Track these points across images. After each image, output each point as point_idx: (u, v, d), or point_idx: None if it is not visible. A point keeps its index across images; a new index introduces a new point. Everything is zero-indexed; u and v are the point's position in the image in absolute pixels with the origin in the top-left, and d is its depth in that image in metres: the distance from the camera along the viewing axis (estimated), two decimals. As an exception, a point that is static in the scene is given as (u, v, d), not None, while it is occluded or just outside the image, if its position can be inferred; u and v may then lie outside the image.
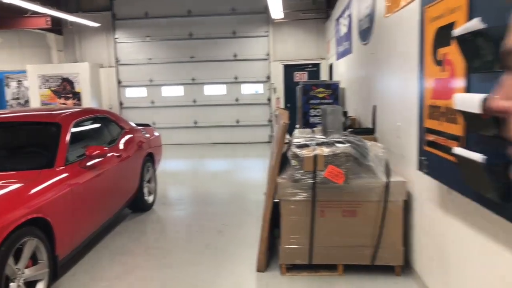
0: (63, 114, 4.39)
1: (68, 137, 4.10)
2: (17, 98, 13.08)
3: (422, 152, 2.91)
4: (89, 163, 4.15)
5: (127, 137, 5.42)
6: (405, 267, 3.72)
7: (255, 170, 8.92)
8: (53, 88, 12.18)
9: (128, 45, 12.61)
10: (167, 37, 12.40)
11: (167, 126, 12.43)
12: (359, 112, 6.42)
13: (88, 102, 12.02)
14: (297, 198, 3.69)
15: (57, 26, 11.85)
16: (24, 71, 12.37)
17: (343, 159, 3.54)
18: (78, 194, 3.85)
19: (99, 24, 11.81)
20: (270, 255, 4.07)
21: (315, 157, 3.55)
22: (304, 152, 3.57)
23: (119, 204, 4.93)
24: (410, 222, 3.68)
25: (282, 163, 3.85)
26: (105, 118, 5.20)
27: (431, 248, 3.24)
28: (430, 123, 2.73)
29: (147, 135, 6.07)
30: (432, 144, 2.72)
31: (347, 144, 3.61)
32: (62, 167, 3.79)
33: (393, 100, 4.25)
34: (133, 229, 5.16)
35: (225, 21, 12.22)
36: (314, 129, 4.95)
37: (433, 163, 2.73)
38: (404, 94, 3.78)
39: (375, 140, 4.70)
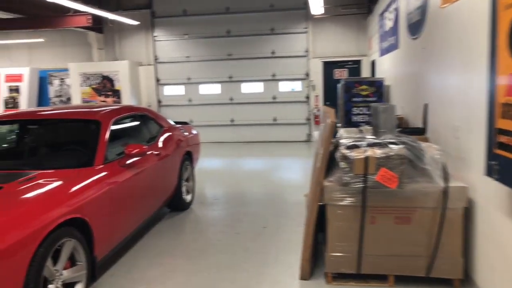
0: (103, 112, 4.31)
1: (107, 135, 4.01)
2: (60, 96, 13.38)
3: (491, 156, 2.60)
4: (128, 162, 4.05)
5: (166, 135, 5.31)
6: (465, 281, 3.40)
7: (292, 170, 8.68)
8: (93, 86, 12.37)
9: (166, 43, 12.64)
10: (205, 35, 12.33)
11: (204, 124, 12.37)
12: (406, 110, 6.07)
13: (127, 100, 12.13)
14: (345, 202, 3.44)
15: (97, 25, 12.01)
16: (66, 69, 12.63)
17: (397, 162, 3.27)
18: (117, 193, 3.75)
19: (138, 22, 11.87)
20: (314, 262, 3.84)
21: (366, 159, 3.29)
22: (354, 154, 3.32)
23: (157, 203, 4.83)
24: (472, 232, 3.36)
25: (329, 164, 3.61)
26: (144, 116, 5.12)
27: (497, 260, 2.92)
28: (503, 123, 2.42)
29: (186, 133, 5.95)
30: (505, 146, 2.41)
31: (401, 145, 3.33)
32: (101, 166, 3.70)
33: (449, 97, 3.92)
34: (171, 228, 5.05)
35: (263, 17, 12.03)
36: (361, 128, 4.67)
37: (506, 168, 2.42)
38: (465, 91, 3.45)
39: (426, 140, 4.38)
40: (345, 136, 3.94)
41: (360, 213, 3.42)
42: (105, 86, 12.34)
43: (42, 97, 13.43)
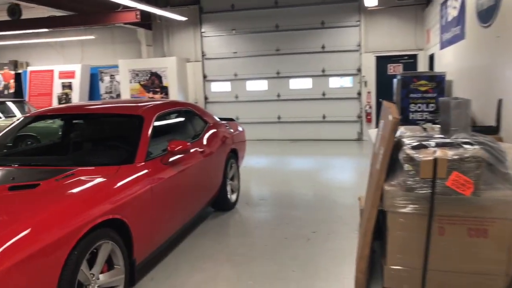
0: (146, 107, 4.12)
1: (150, 131, 3.81)
2: (110, 92, 13.61)
3: None
4: (171, 159, 3.83)
5: (211, 132, 5.08)
6: (554, 307, 2.89)
7: (343, 170, 8.23)
8: (142, 82, 12.45)
9: (214, 39, 12.50)
10: (253, 30, 12.07)
11: (250, 121, 12.14)
12: (474, 107, 5.48)
13: (175, 96, 12.11)
14: (408, 210, 3.02)
15: (146, 21, 12.06)
16: (116, 66, 12.81)
17: (472, 165, 2.81)
18: (159, 192, 3.53)
19: (186, 18, 11.79)
20: (370, 274, 3.44)
21: (435, 161, 2.85)
22: (421, 155, 2.89)
23: (201, 203, 4.60)
24: None
25: (389, 166, 3.20)
26: (189, 112, 4.90)
27: None
28: None
29: (231, 130, 5.70)
30: None
31: (478, 146, 2.87)
32: (142, 163, 3.50)
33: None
34: (215, 230, 4.81)
35: (313, 11, 11.59)
36: (424, 126, 4.19)
37: None
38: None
39: (500, 140, 3.85)
40: (408, 135, 3.50)
41: (426, 223, 2.99)
42: (153, 82, 12.39)
43: (93, 93, 13.73)
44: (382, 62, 11.39)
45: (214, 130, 5.19)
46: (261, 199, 6.15)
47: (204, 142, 4.78)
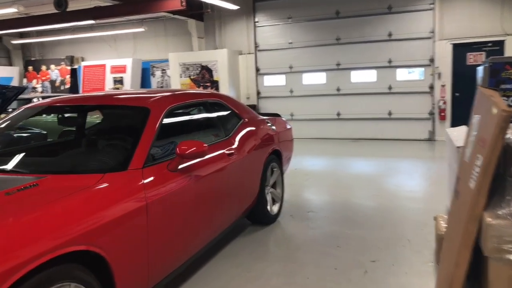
0: (156, 97, 3.26)
1: (156, 127, 2.94)
2: (161, 87, 13.14)
3: None
4: (182, 165, 2.93)
5: (246, 129, 4.14)
6: None
7: (412, 176, 6.95)
8: (192, 77, 11.82)
9: (268, 29, 11.56)
10: (310, 17, 10.98)
11: (306, 118, 11.09)
12: None
13: (226, 91, 11.35)
14: (526, 258, 1.89)
15: (198, 10, 11.37)
16: (167, 60, 12.29)
17: None
18: (159, 211, 2.65)
19: (238, 7, 10.95)
20: None
21: None
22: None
23: (227, 219, 3.68)
24: None
25: (493, 185, 2.07)
26: (218, 105, 4.00)
27: None
28: None
29: (273, 128, 4.72)
30: None
31: None
32: (138, 169, 2.63)
33: None
34: (246, 251, 3.87)
35: (379, -6, 10.29)
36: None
37: None
38: None
39: None
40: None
41: (557, 281, 1.84)
42: (204, 76, 11.71)
43: (144, 88, 13.34)
44: (460, 50, 9.84)
45: (250, 128, 4.25)
46: (310, 211, 5.12)
47: (235, 142, 3.85)
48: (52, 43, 14.62)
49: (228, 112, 4.07)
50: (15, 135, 4.62)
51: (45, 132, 6.43)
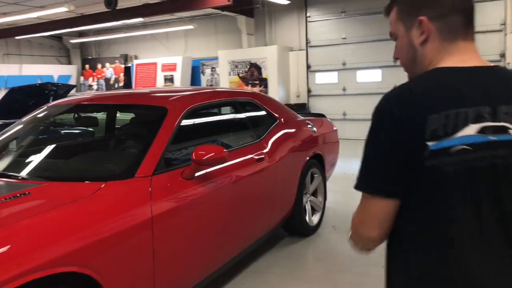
0: (176, 96, 2.95)
1: (173, 129, 2.62)
2: (211, 85, 13.01)
3: None
4: (198, 173, 2.59)
5: (281, 131, 3.73)
6: None
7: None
8: (241, 75, 11.55)
9: (320, 24, 11.03)
10: (366, 11, 10.30)
11: (360, 117, 10.43)
12: None
13: (274, 89, 10.98)
14: None
15: (247, 5, 11.08)
16: (217, 58, 12.12)
17: None
18: (169, 224, 2.33)
19: (289, 1, 10.51)
20: None
21: None
22: None
23: (255, 233, 3.30)
24: None
25: None
26: (249, 104, 3.63)
27: None
28: None
29: (314, 129, 4.27)
30: None
31: None
32: (146, 177, 2.31)
33: None
34: (280, 266, 3.48)
35: (442, -17, 9.42)
36: None
37: None
38: None
39: None
40: None
41: None
42: (253, 74, 11.40)
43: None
44: (536, 44, 8.78)
45: (287, 129, 3.84)
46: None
47: (267, 145, 3.46)
48: (107, 42, 14.99)
49: (261, 112, 3.69)
50: (62, 131, 4.52)
51: (92, 130, 6.40)
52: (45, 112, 2.95)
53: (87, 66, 15.17)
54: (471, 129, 0.98)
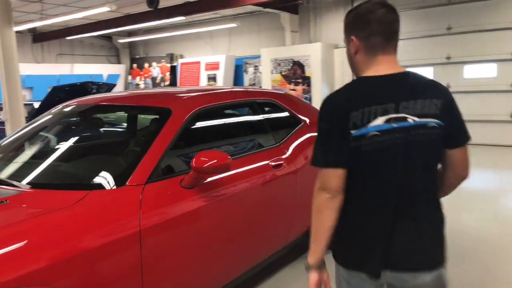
0: (183, 97, 2.73)
1: (175, 133, 2.40)
2: (253, 84, 12.82)
3: None
4: (201, 182, 2.35)
5: (306, 135, 3.42)
6: None
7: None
8: (283, 73, 11.25)
9: (367, 20, 10.49)
10: (417, 5, 9.67)
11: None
12: None
13: (318, 88, 10.59)
14: None
15: (292, 1, 10.75)
16: (260, 56, 11.89)
17: None
18: (161, 239, 2.11)
19: (335, -4, 10.09)
20: None
21: None
22: None
23: (268, 248, 3.01)
24: None
25: None
26: (269, 105, 3.34)
27: None
28: None
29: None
30: None
31: None
32: (139, 186, 2.11)
33: None
34: (304, 284, 3.18)
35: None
36: None
37: None
38: None
39: None
40: None
41: None
42: (295, 72, 11.06)
43: (237, 85, 13.13)
44: None
45: (314, 133, 3.51)
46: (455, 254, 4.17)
47: (288, 150, 3.16)
48: (154, 42, 15.19)
49: (283, 113, 3.40)
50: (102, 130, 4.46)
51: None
52: (49, 115, 2.84)
53: (134, 65, 15.47)
54: (379, 120, 1.40)
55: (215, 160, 2.25)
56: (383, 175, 1.43)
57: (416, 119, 1.42)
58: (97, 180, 2.15)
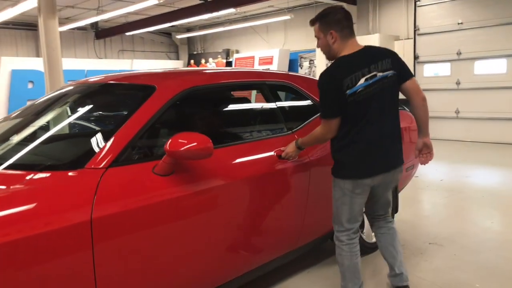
0: (172, 74, 2.43)
1: (155, 112, 2.10)
2: (308, 79, 12.35)
3: None
4: (179, 168, 2.03)
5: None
6: None
7: None
8: (339, 67, 10.66)
9: (432, 8, 9.64)
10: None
11: (477, 116, 8.88)
12: None
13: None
14: None
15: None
16: (315, 50, 11.39)
17: None
18: (119, 236, 1.81)
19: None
20: None
21: None
22: None
23: (269, 251, 2.61)
24: None
25: None
26: (284, 88, 2.95)
27: None
28: None
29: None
30: None
31: None
32: (99, 169, 1.84)
33: None
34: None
35: None
36: None
37: None
38: None
39: None
40: None
41: None
42: (352, 66, 10.43)
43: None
44: None
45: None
46: (432, 242, 3.62)
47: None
48: (212, 37, 15.20)
49: (300, 99, 2.98)
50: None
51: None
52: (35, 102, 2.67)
53: (192, 61, 15.61)
54: (362, 80, 2.21)
55: (195, 143, 1.92)
56: (370, 111, 2.23)
57: (381, 74, 2.26)
58: (48, 161, 1.90)
